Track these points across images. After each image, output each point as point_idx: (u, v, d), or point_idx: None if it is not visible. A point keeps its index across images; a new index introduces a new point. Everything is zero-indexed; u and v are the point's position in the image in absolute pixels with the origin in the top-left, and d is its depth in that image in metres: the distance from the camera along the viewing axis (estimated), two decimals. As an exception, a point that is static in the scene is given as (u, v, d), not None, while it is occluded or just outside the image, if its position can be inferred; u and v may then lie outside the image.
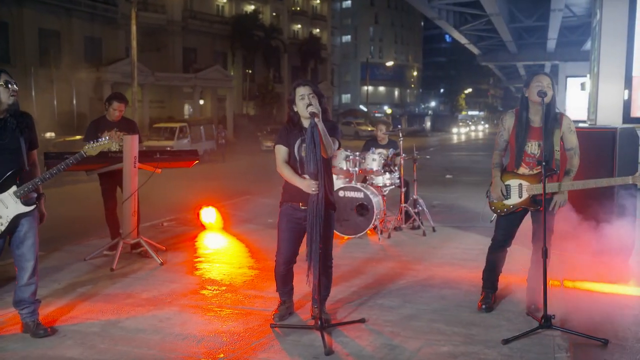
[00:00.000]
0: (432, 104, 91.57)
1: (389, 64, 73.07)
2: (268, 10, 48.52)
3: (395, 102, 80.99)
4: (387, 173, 7.76)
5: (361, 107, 66.41)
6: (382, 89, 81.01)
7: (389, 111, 70.89)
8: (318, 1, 57.99)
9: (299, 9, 54.68)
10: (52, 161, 5.57)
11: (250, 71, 45.35)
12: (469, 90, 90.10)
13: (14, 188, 4.01)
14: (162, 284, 5.42)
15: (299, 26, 54.58)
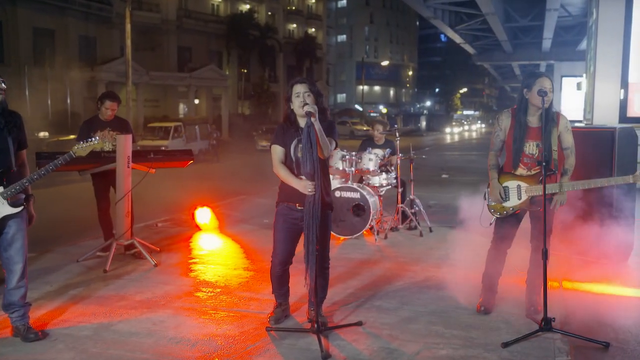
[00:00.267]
0: (428, 104, 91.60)
1: (384, 63, 73.05)
2: (263, 10, 48.45)
3: (390, 102, 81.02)
4: (383, 173, 7.71)
5: (356, 106, 66.40)
6: (377, 88, 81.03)
7: (384, 111, 70.83)
8: (313, 1, 57.94)
9: (294, 8, 54.65)
10: (43, 161, 5.45)
11: (245, 70, 45.27)
12: (464, 89, 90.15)
13: (0, 189, 3.93)
14: (156, 286, 5.34)
15: (295, 25, 54.53)
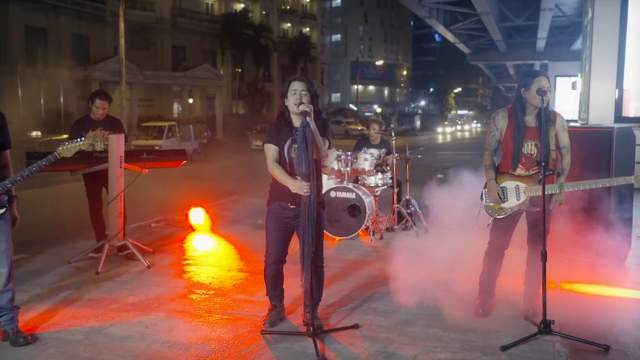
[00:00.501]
0: (422, 103, 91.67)
1: (378, 63, 73.07)
2: (258, 9, 48.33)
3: (385, 101, 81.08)
4: (379, 173, 7.65)
5: (351, 106, 66.31)
6: (371, 88, 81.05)
7: (378, 110, 70.89)
8: (308, 0, 57.83)
9: (288, 7, 54.53)
10: (33, 161, 5.36)
11: (239, 70, 45.11)
12: (459, 89, 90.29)
13: None
14: (149, 288, 5.25)
15: (289, 25, 54.41)
